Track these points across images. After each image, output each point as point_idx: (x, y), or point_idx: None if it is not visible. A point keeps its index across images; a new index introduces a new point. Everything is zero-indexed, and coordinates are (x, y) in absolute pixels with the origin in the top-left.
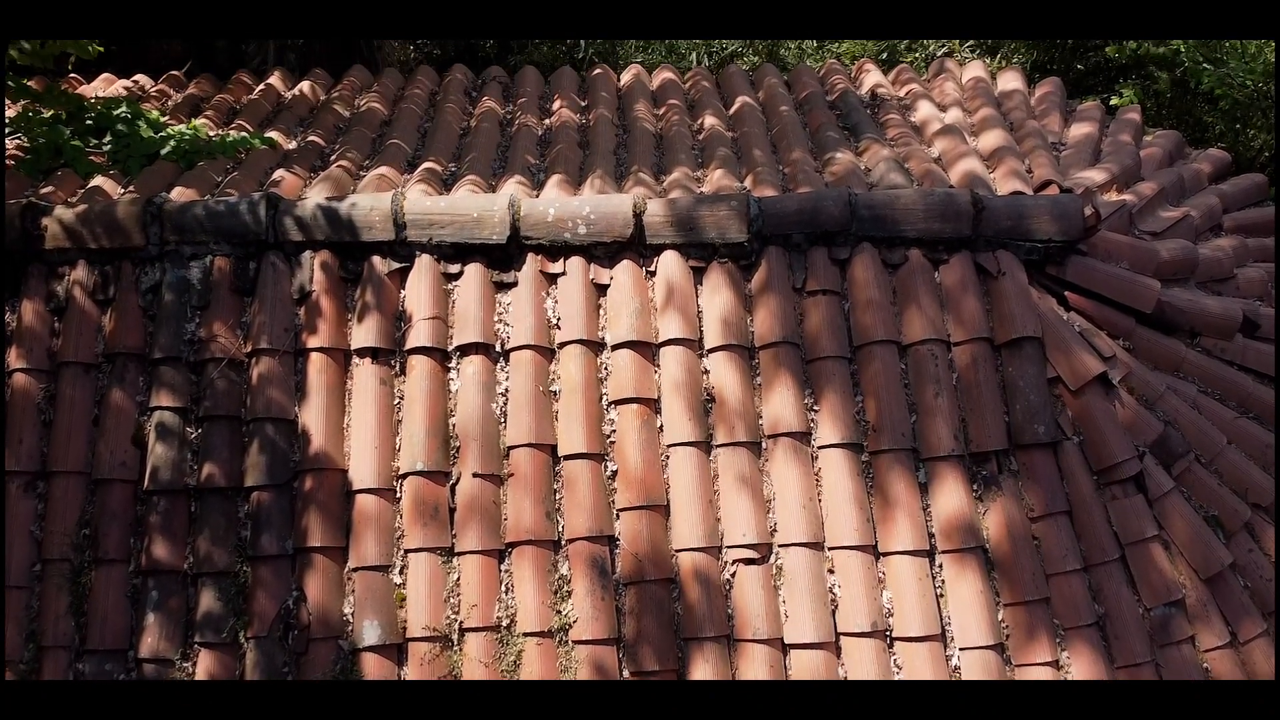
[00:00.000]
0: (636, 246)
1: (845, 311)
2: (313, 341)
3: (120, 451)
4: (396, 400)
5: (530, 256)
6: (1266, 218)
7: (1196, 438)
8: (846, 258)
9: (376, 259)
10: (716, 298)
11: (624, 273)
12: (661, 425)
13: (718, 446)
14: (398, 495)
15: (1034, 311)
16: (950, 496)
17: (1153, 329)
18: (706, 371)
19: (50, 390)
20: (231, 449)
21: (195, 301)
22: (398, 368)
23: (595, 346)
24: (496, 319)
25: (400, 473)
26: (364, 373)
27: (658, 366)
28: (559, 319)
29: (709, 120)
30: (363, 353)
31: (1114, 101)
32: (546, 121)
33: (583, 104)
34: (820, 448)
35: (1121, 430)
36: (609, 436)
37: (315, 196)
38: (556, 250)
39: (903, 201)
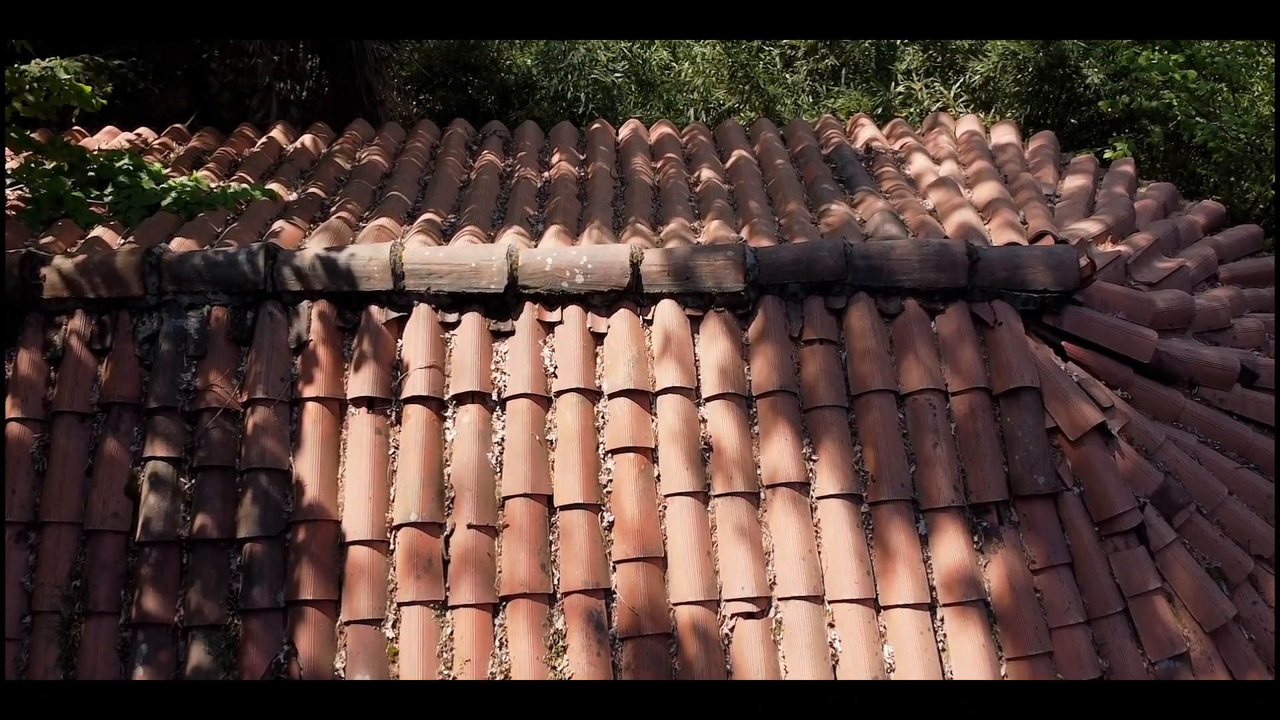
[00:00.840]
0: (634, 295)
1: (842, 361)
2: (308, 391)
3: (113, 502)
4: (392, 450)
5: (528, 305)
6: (1263, 268)
7: (1197, 488)
8: (843, 307)
9: (374, 308)
10: (714, 346)
11: (621, 321)
12: (659, 475)
13: (716, 496)
14: (391, 547)
15: (1031, 361)
16: (951, 548)
17: (1151, 379)
18: (704, 420)
19: (44, 440)
20: (225, 500)
21: (192, 351)
22: (393, 417)
23: (592, 395)
24: (493, 367)
25: (394, 524)
26: (359, 422)
27: (655, 415)
28: (556, 367)
29: (706, 173)
30: (358, 402)
31: (1107, 155)
32: (546, 174)
33: (581, 157)
34: (819, 498)
35: (1122, 481)
36: (606, 486)
37: (314, 247)
38: (554, 299)
39: (898, 252)
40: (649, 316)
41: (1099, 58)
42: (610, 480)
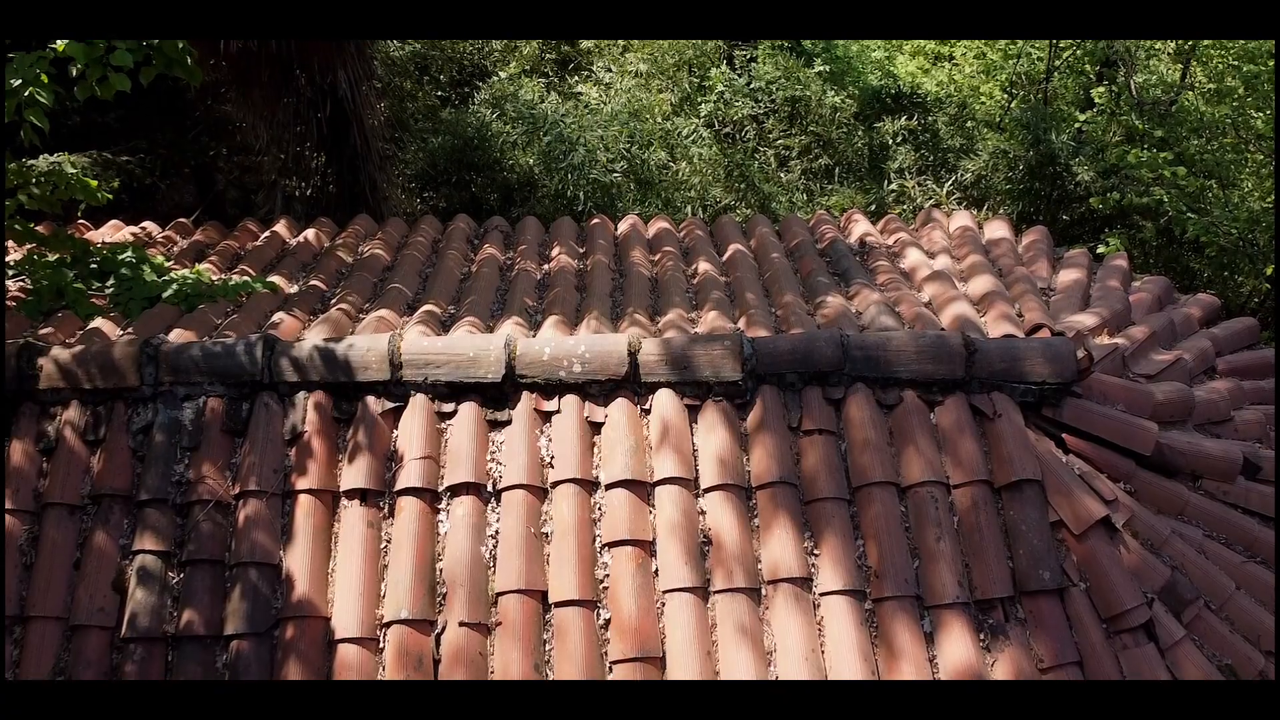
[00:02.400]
0: (631, 384)
1: (842, 452)
2: (301, 483)
3: (99, 597)
4: (384, 544)
5: (525, 395)
6: (1261, 360)
7: (1204, 583)
8: (841, 398)
9: (371, 399)
10: (712, 436)
11: (619, 410)
12: (657, 569)
13: (716, 593)
14: (381, 645)
15: (1032, 454)
16: (957, 646)
17: (1153, 472)
18: (703, 512)
19: (34, 532)
20: (213, 595)
21: (186, 442)
22: (386, 510)
23: (589, 486)
24: (489, 458)
25: (384, 621)
26: (352, 515)
27: (653, 507)
28: (553, 457)
29: (703, 266)
30: (351, 494)
31: (1100, 250)
32: (545, 267)
33: (581, 251)
34: (822, 594)
35: (1129, 576)
36: (602, 581)
37: (313, 338)
38: (551, 388)
39: (895, 343)
40: (647, 406)
41: (1089, 156)
42: (607, 575)
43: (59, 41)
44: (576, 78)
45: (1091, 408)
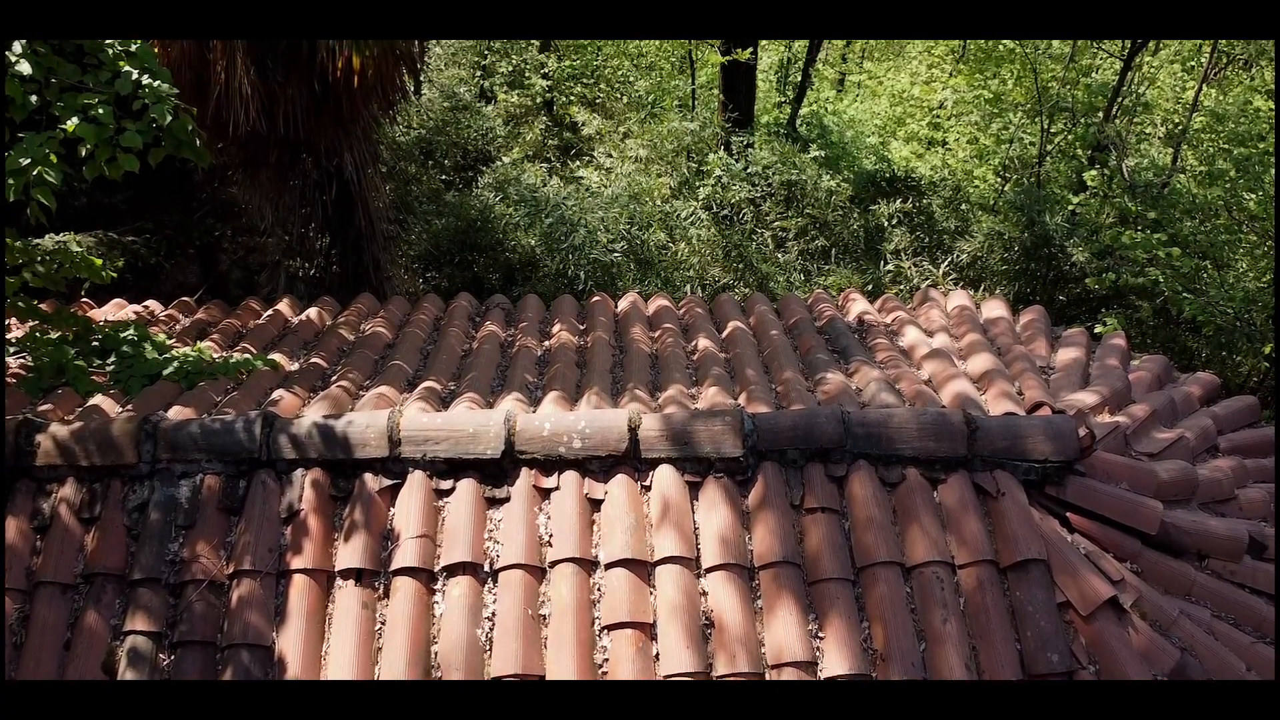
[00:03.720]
0: (631, 461)
1: (845, 530)
2: (296, 562)
3: (88, 678)
4: (378, 625)
5: (524, 471)
6: (1262, 438)
7: (1214, 665)
8: (843, 475)
9: (368, 476)
10: (714, 514)
11: (619, 487)
12: (657, 653)
13: (718, 678)
14: None
15: (1037, 533)
16: None
17: (1159, 551)
18: (705, 593)
19: (25, 610)
20: (204, 678)
21: (181, 521)
22: (381, 590)
23: (588, 565)
24: (487, 536)
25: None
26: (346, 596)
27: (653, 587)
28: (551, 535)
29: (702, 342)
30: (347, 574)
31: (1098, 329)
32: (546, 343)
33: (581, 327)
34: (828, 679)
35: (1138, 658)
36: (601, 666)
37: (312, 415)
38: (551, 465)
39: (896, 420)
40: (647, 482)
41: (1083, 237)
42: (606, 659)
43: (69, 122)
44: (578, 163)
45: (1095, 486)
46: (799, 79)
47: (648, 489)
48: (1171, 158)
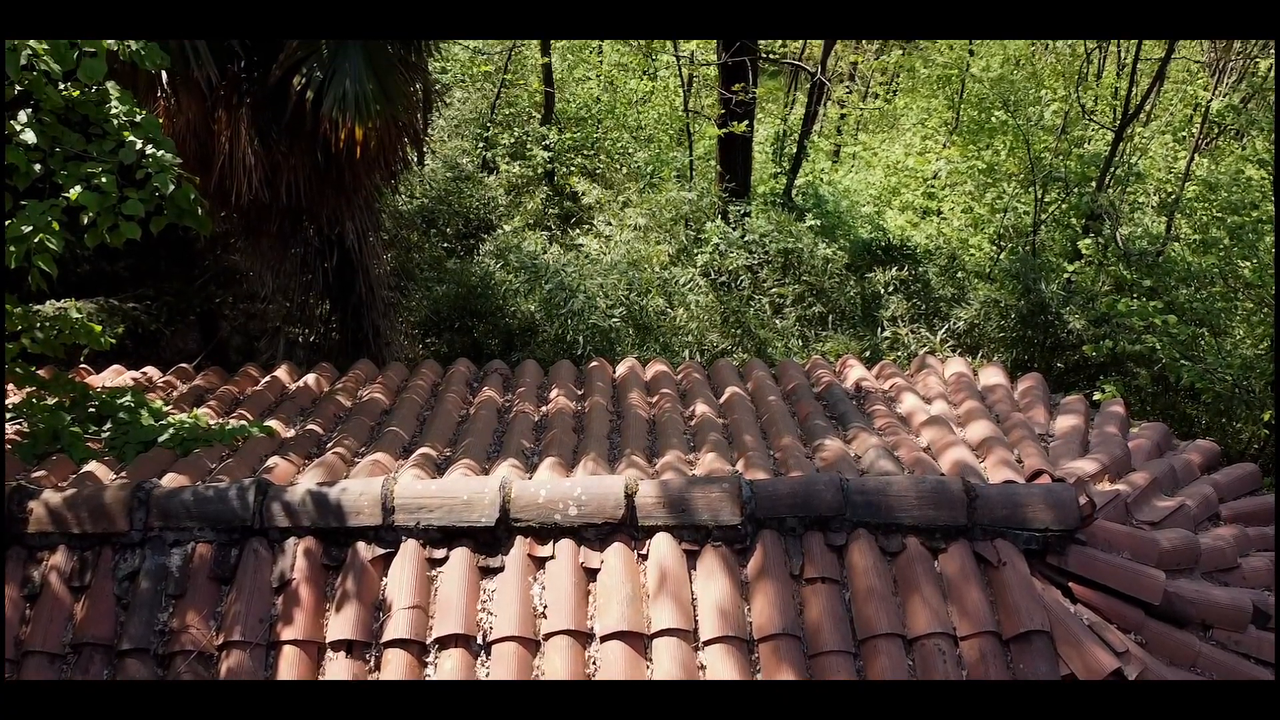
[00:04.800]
0: (628, 528)
1: (846, 601)
2: (287, 633)
3: None
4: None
5: (519, 539)
6: (1264, 507)
7: None
8: (843, 544)
9: (361, 545)
10: (712, 584)
11: (615, 556)
12: None
13: None
14: None
15: (1040, 603)
16: None
17: (1163, 621)
18: (703, 667)
19: (14, 680)
20: None
21: (172, 590)
22: (373, 662)
23: (583, 638)
24: (480, 607)
25: None
26: (337, 668)
27: (650, 660)
28: (546, 606)
29: (700, 408)
30: (337, 646)
31: (1097, 396)
32: (543, 409)
33: (579, 393)
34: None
35: None
36: None
37: (306, 482)
38: (546, 533)
39: (895, 488)
40: (644, 551)
41: (1079, 305)
42: None
43: (73, 191)
44: (578, 230)
45: (1097, 555)
46: (794, 150)
47: (644, 558)
48: (1165, 226)
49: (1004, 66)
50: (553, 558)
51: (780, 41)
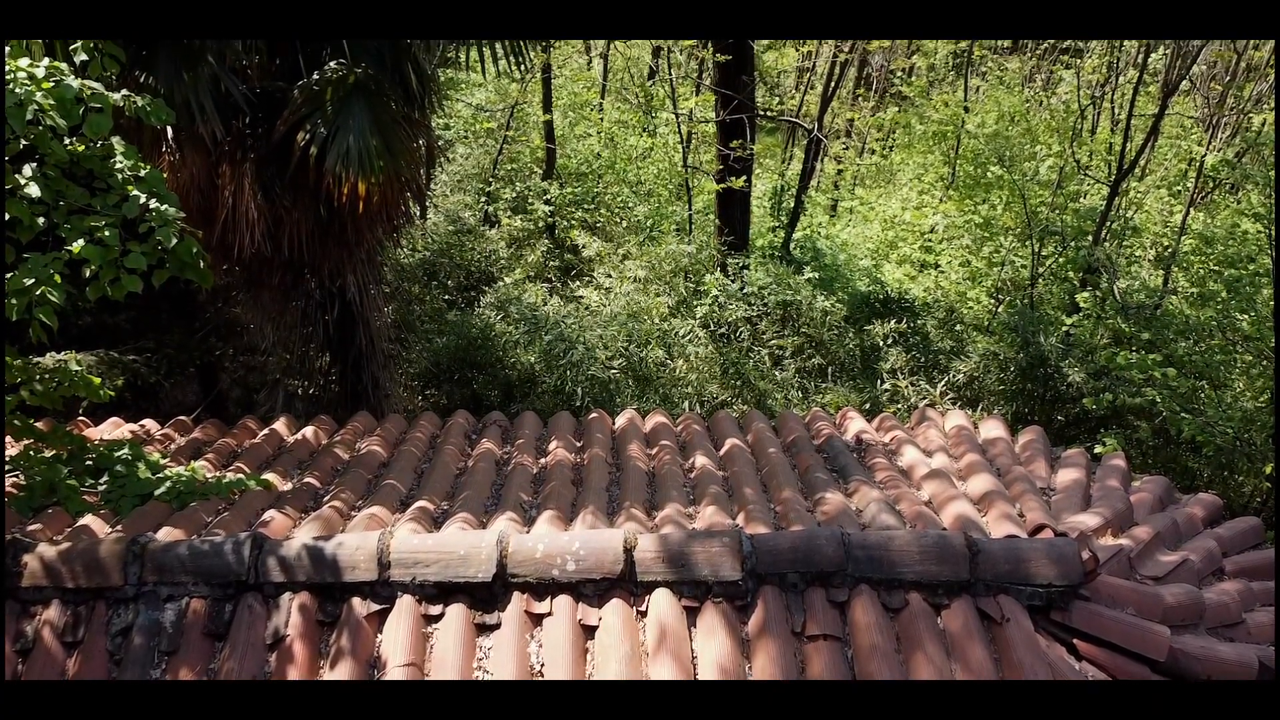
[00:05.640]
0: (627, 584)
1: (849, 658)
2: None
3: None
4: None
5: (516, 595)
6: (1268, 561)
7: None
8: (845, 600)
9: (356, 600)
10: (712, 641)
11: (613, 613)
12: None
13: None
14: None
15: (1045, 661)
16: None
17: (1168, 678)
18: None
19: None
20: None
21: (164, 646)
22: None
23: None
24: (476, 665)
25: None
26: None
27: None
28: (543, 665)
29: (700, 460)
30: None
31: (1098, 450)
32: (542, 461)
33: (578, 445)
34: None
35: None
36: None
37: (303, 536)
38: (544, 589)
39: (897, 543)
40: (643, 607)
41: (1078, 358)
42: None
43: (75, 245)
44: (578, 283)
45: (1101, 611)
46: (792, 204)
47: (644, 614)
48: (1162, 279)
49: (999, 123)
50: (550, 614)
51: (777, 99)
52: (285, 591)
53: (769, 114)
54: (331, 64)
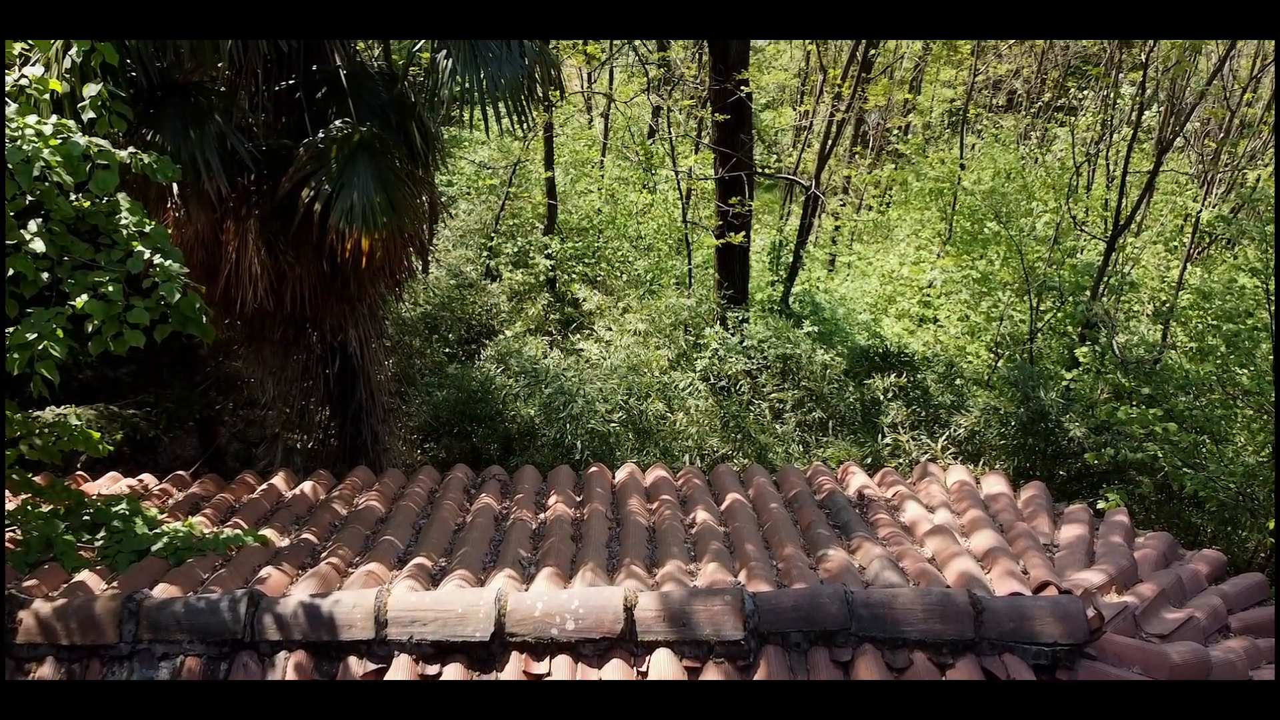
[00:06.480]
0: (627, 644)
1: None
2: None
3: None
4: None
5: (514, 655)
6: (1273, 618)
7: None
8: (849, 659)
9: (353, 659)
10: None
11: (613, 674)
12: None
13: None
14: None
15: None
16: None
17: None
18: None
19: None
20: None
21: None
22: None
23: None
24: None
25: None
26: None
27: None
28: None
29: (701, 515)
30: None
31: (1100, 505)
32: (541, 516)
33: (578, 499)
34: None
35: None
36: None
37: (299, 594)
38: (542, 648)
39: (901, 601)
40: (644, 668)
41: (1079, 413)
42: None
43: (79, 300)
44: (578, 336)
45: (1108, 671)
46: (791, 259)
47: (644, 675)
48: (1161, 334)
49: (995, 179)
50: (549, 675)
51: (775, 156)
52: (281, 650)
53: (767, 171)
54: (337, 122)
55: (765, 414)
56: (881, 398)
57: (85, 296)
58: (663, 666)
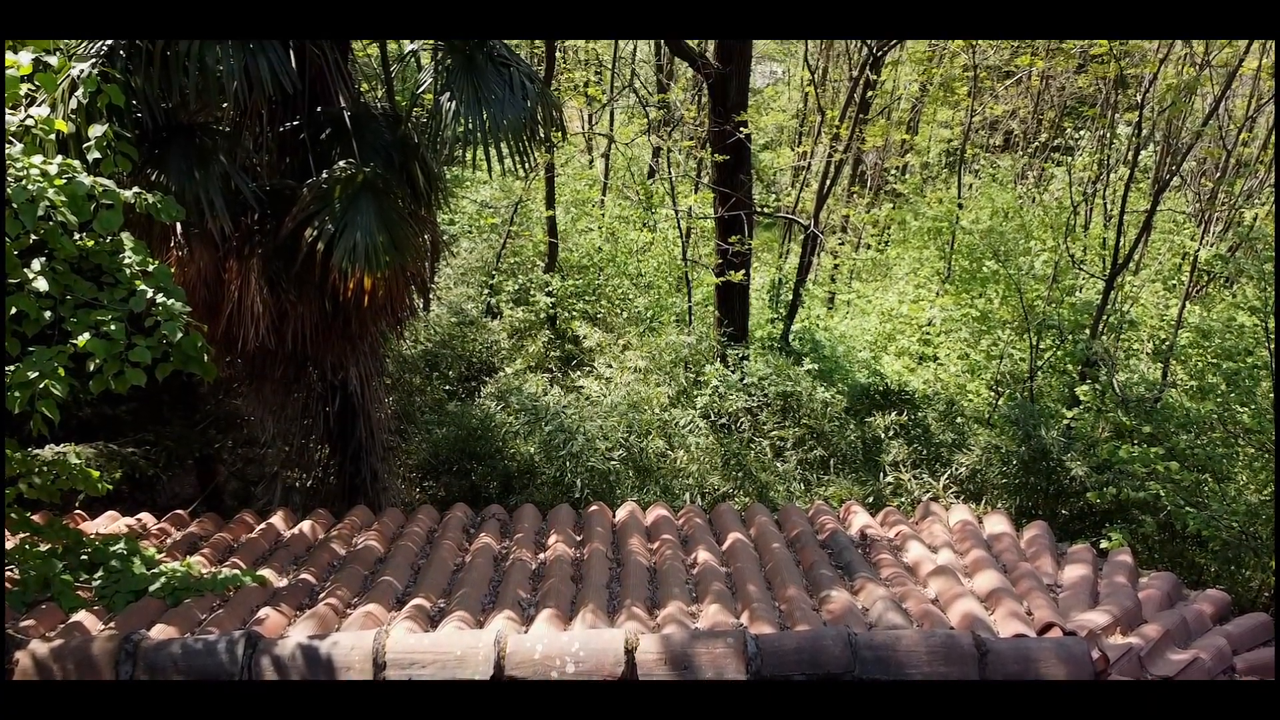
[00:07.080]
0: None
1: None
2: None
3: None
4: None
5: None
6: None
7: None
8: None
9: None
10: None
11: None
12: None
13: None
14: None
15: None
16: None
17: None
18: None
19: None
20: None
21: None
22: None
23: None
24: None
25: None
26: None
27: None
28: None
29: (702, 555)
30: None
31: (1103, 545)
32: (541, 556)
33: (578, 539)
34: None
35: None
36: None
37: (297, 635)
38: None
39: (905, 643)
40: None
41: (1080, 451)
42: None
43: (81, 338)
44: (578, 373)
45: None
46: (790, 297)
47: None
48: (1161, 373)
49: (993, 218)
50: None
51: (774, 195)
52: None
53: (766, 210)
54: (340, 163)
55: (766, 452)
56: (882, 436)
57: (87, 335)
58: None
